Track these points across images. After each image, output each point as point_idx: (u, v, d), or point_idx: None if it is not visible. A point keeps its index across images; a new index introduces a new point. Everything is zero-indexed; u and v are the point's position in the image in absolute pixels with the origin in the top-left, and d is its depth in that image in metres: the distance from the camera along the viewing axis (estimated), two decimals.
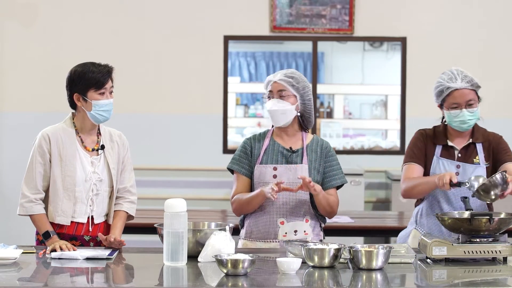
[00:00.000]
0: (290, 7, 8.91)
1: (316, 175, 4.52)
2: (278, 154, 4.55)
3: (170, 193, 8.50)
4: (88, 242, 4.43)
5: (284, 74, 4.53)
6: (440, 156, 4.61)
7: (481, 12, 8.92)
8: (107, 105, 4.38)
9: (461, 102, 4.53)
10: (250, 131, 10.78)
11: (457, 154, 4.61)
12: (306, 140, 4.58)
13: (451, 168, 4.57)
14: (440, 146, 4.63)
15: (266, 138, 4.61)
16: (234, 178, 4.64)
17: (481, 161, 4.58)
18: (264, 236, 4.53)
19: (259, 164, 4.54)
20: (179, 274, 3.83)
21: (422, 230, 4.64)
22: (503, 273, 3.94)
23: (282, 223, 4.50)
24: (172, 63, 8.95)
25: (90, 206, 4.43)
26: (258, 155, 4.56)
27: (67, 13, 8.91)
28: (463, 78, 4.53)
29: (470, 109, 4.53)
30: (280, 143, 4.59)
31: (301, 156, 4.54)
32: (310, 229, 4.53)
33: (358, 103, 11.97)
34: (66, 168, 4.38)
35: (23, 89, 8.93)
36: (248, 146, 4.62)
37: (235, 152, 4.66)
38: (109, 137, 4.51)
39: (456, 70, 4.57)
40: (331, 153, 4.59)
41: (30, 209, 4.37)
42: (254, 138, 4.66)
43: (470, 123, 4.56)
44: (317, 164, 4.54)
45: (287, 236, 4.48)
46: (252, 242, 4.57)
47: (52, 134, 4.41)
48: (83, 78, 4.36)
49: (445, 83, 4.54)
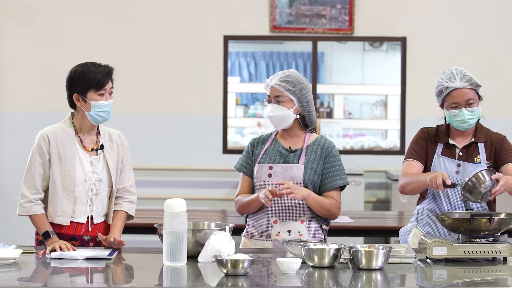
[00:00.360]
0: (290, 7, 8.90)
1: (312, 175, 4.49)
2: (276, 154, 4.55)
3: (170, 193, 8.50)
4: (87, 242, 4.42)
5: (279, 79, 4.49)
6: (441, 154, 4.61)
7: (480, 12, 8.92)
8: (106, 106, 4.37)
9: (460, 102, 4.52)
10: (250, 131, 10.78)
11: (458, 152, 4.61)
12: (309, 140, 4.57)
13: (451, 167, 4.57)
14: (442, 145, 4.63)
15: (270, 139, 4.61)
16: (240, 177, 4.66)
17: (482, 160, 4.57)
18: (259, 235, 4.54)
19: (258, 163, 4.55)
20: (179, 274, 3.83)
21: (422, 229, 4.64)
22: (503, 273, 3.94)
23: (276, 222, 4.50)
24: (172, 63, 8.94)
25: (90, 206, 4.42)
26: (259, 155, 4.57)
27: (67, 13, 8.91)
28: (462, 78, 4.52)
29: (470, 109, 4.53)
30: (282, 143, 4.58)
31: (299, 156, 4.53)
32: (306, 230, 4.49)
33: (358, 103, 11.97)
34: (66, 168, 4.37)
35: (22, 89, 8.92)
36: (251, 146, 4.64)
37: (243, 152, 4.69)
38: (108, 137, 4.50)
39: (455, 69, 4.57)
40: (332, 154, 4.54)
41: (29, 209, 4.36)
42: (260, 138, 4.67)
43: (470, 122, 4.55)
44: (315, 164, 4.51)
45: (280, 235, 4.47)
46: (250, 240, 4.58)
47: (51, 134, 4.40)
48: (83, 78, 4.34)
49: (444, 83, 4.54)
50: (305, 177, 4.47)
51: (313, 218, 4.53)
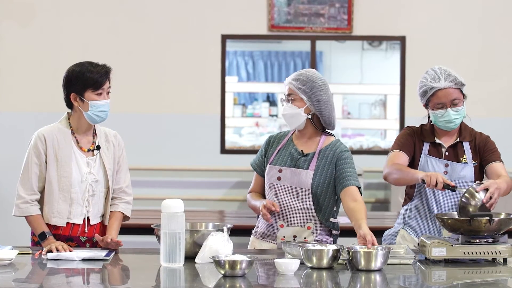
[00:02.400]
0: (288, 6, 8.88)
1: (320, 181, 4.41)
2: (288, 156, 4.48)
3: (167, 194, 8.47)
4: (84, 243, 4.40)
5: (293, 77, 4.44)
6: (428, 154, 4.58)
7: (480, 11, 8.90)
8: (104, 105, 4.35)
9: (445, 102, 4.49)
10: (248, 131, 10.75)
11: (444, 152, 4.58)
12: (323, 143, 4.47)
13: (439, 167, 4.54)
14: (428, 144, 4.60)
15: (285, 138, 4.57)
16: (254, 173, 4.63)
17: (469, 160, 4.56)
18: (266, 236, 4.51)
19: (270, 164, 4.51)
20: (176, 275, 3.81)
21: (410, 230, 4.61)
22: (503, 274, 3.92)
23: (282, 226, 4.45)
24: (169, 62, 8.92)
25: (86, 207, 4.40)
26: (272, 154, 4.53)
27: (65, 12, 8.89)
28: (447, 77, 4.49)
29: (455, 108, 4.50)
30: (296, 144, 4.51)
31: (310, 161, 4.43)
32: (313, 237, 4.43)
33: (357, 103, 11.95)
34: (62, 169, 4.35)
35: (19, 89, 8.90)
36: (266, 145, 4.60)
37: (259, 149, 4.66)
38: (104, 137, 4.48)
39: (439, 69, 4.53)
40: (344, 157, 4.41)
41: (25, 210, 4.34)
42: (276, 136, 4.60)
43: (456, 122, 4.53)
44: (325, 169, 4.42)
45: (285, 240, 4.43)
46: (257, 240, 4.55)
47: (48, 134, 4.38)
48: (81, 78, 4.33)
49: (429, 83, 4.50)
50: (313, 184, 4.40)
51: (321, 224, 4.44)
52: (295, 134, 4.54)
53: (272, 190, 4.47)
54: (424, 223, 4.53)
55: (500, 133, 4.85)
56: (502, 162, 4.54)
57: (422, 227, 4.56)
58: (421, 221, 4.57)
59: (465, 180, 4.49)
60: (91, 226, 4.42)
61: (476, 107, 4.56)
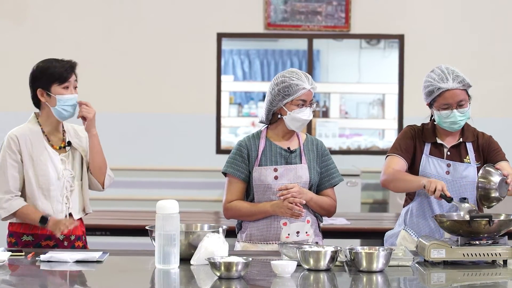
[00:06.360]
0: (285, 3, 8.85)
1: (314, 175, 4.48)
2: (276, 155, 4.48)
3: (162, 194, 8.38)
4: (62, 242, 4.38)
5: (312, 82, 4.43)
6: (429, 154, 4.53)
7: (479, 9, 8.88)
8: (71, 99, 4.36)
9: (452, 103, 4.44)
10: (244, 130, 10.73)
11: (446, 152, 4.53)
12: (302, 139, 4.55)
13: (441, 167, 4.50)
14: (429, 144, 4.56)
15: (262, 139, 4.52)
16: (228, 182, 4.52)
17: (472, 160, 4.52)
18: (266, 238, 4.46)
19: (258, 166, 4.45)
20: (171, 278, 3.79)
21: (411, 231, 4.56)
22: (503, 277, 3.90)
23: (285, 224, 4.43)
24: (164, 61, 8.89)
25: (66, 204, 4.40)
26: (256, 157, 4.47)
27: (58, 11, 8.86)
28: (455, 78, 4.43)
29: (461, 110, 4.45)
30: (276, 143, 4.50)
31: (299, 156, 4.49)
32: (312, 230, 4.49)
33: (354, 102, 11.93)
34: (38, 168, 4.36)
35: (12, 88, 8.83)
36: (244, 149, 4.51)
37: (230, 155, 4.56)
38: (73, 132, 4.50)
39: (446, 69, 4.47)
40: (326, 152, 4.58)
41: (10, 207, 4.32)
42: (249, 139, 4.55)
43: (460, 123, 4.49)
44: (315, 164, 4.51)
45: (290, 237, 4.42)
46: (254, 244, 4.49)
47: (20, 135, 4.39)
48: (45, 72, 4.38)
49: (436, 83, 4.44)
50: (310, 176, 4.45)
51: (314, 217, 4.52)
52: (269, 133, 4.53)
53: (270, 191, 4.43)
54: (425, 224, 4.50)
55: (497, 133, 4.82)
56: (507, 161, 4.50)
57: (423, 227, 4.52)
58: (422, 222, 4.53)
59: (467, 180, 4.47)
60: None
61: (473, 106, 4.49)
